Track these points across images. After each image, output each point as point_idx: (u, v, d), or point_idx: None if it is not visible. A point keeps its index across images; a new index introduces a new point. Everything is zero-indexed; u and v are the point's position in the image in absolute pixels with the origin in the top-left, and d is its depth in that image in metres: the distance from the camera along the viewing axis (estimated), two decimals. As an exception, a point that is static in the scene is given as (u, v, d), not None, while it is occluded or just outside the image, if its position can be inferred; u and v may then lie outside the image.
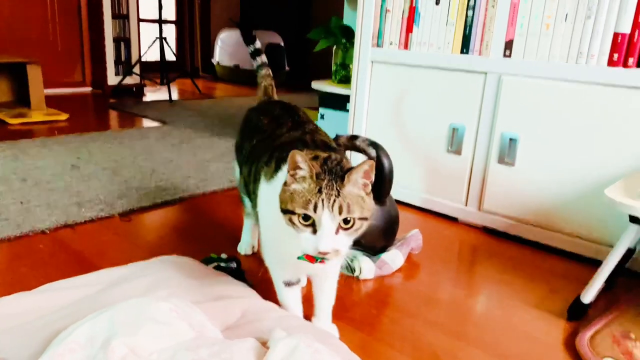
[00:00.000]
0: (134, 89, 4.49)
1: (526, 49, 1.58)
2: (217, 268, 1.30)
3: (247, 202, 1.30)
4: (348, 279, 1.37)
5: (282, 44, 5.69)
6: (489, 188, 1.72)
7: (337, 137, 1.51)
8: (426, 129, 1.85)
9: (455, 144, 1.78)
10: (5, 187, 1.87)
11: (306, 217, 0.79)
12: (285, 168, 0.89)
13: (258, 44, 1.44)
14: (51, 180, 1.99)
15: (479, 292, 1.35)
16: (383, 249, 1.45)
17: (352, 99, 2.04)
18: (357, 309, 1.23)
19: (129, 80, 4.41)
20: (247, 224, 1.47)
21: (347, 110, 2.24)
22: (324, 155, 0.86)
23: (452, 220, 1.85)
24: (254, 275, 1.32)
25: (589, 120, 1.49)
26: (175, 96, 4.53)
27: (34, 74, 3.32)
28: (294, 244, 0.85)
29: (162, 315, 0.83)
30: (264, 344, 0.86)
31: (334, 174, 0.81)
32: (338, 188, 0.79)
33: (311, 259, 0.84)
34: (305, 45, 6.03)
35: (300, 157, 0.80)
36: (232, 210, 1.79)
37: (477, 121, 1.72)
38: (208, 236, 1.59)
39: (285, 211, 0.82)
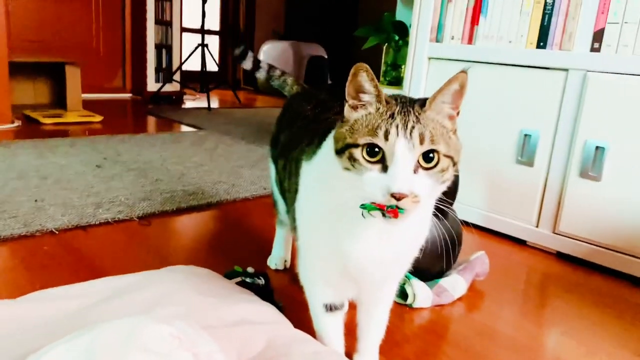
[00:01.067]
0: (174, 97, 4.40)
1: (620, 40, 1.32)
2: (241, 284, 1.08)
3: (280, 205, 1.08)
4: (399, 308, 1.12)
5: (326, 56, 5.53)
6: (566, 206, 1.45)
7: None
8: (492, 136, 1.59)
9: (526, 153, 1.52)
10: (22, 184, 1.73)
11: (372, 151, 0.59)
12: (330, 139, 0.69)
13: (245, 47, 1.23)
14: (72, 180, 1.83)
15: (560, 331, 1.08)
16: (441, 273, 1.20)
17: (403, 102, 1.81)
18: (408, 345, 0.98)
19: (169, 88, 4.32)
20: (280, 233, 1.25)
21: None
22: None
23: (520, 242, 1.58)
24: (285, 295, 1.09)
25: (703, 125, 1.21)
26: (215, 105, 4.41)
27: (72, 75, 3.25)
28: (344, 235, 0.66)
29: (158, 342, 0.62)
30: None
31: (407, 101, 0.63)
32: (417, 113, 0.61)
33: (381, 206, 0.60)
34: (350, 58, 5.85)
35: (365, 75, 0.60)
36: (263, 220, 1.57)
37: (555, 126, 1.46)
38: (235, 247, 1.38)
39: (342, 150, 0.62)
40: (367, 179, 0.60)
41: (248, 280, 1.10)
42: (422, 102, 0.63)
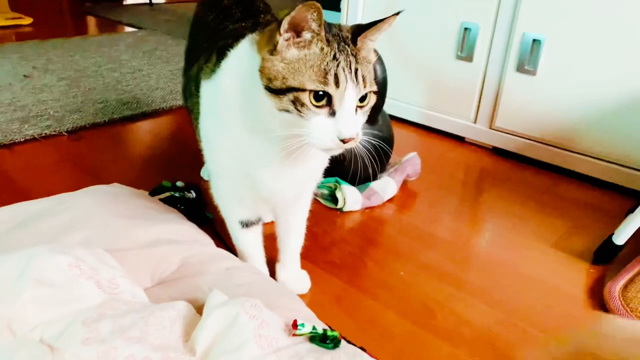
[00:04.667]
0: (113, -8, 4.05)
1: None
2: (170, 199, 1.07)
3: None
4: (330, 212, 1.14)
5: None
6: (503, 102, 1.45)
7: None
8: (431, 30, 1.53)
9: (466, 48, 1.47)
10: (-60, 100, 1.62)
11: (320, 95, 0.57)
12: (234, 56, 0.66)
13: None
14: (-3, 93, 1.72)
15: (486, 229, 1.13)
16: (372, 177, 1.21)
17: (345, -5, 1.71)
18: (336, 250, 1.01)
19: (107, -18, 3.97)
20: None
21: (339, 10, 1.91)
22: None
23: (458, 139, 1.59)
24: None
25: (634, 19, 1.18)
26: (159, 0, 4.10)
27: (-8, -29, 2.93)
28: (253, 154, 0.66)
29: (55, 273, 0.61)
30: (200, 309, 0.65)
31: (340, 36, 0.59)
32: (353, 53, 0.58)
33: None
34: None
35: (315, 14, 0.56)
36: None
37: (495, 18, 1.41)
38: (170, 159, 1.35)
39: (282, 90, 0.58)
40: (315, 125, 0.58)
41: (177, 195, 1.09)
42: (354, 38, 0.61)
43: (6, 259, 0.63)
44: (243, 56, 0.65)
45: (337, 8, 1.91)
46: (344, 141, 0.58)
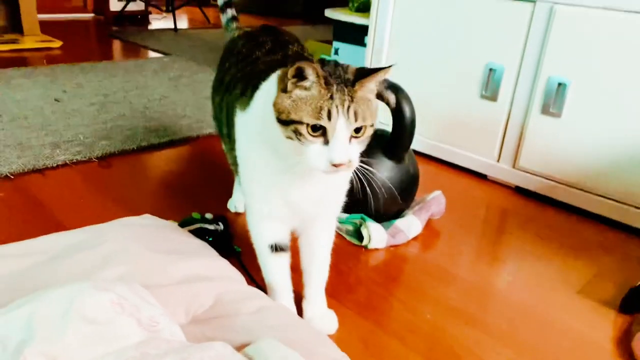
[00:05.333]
0: (139, 17, 4.18)
1: (590, -30, 1.26)
2: (199, 231, 1.09)
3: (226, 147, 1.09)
4: (355, 249, 1.16)
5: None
6: (527, 142, 1.46)
7: (348, 77, 1.24)
8: (457, 69, 1.56)
9: (490, 88, 1.50)
10: (-25, 123, 1.67)
11: (316, 128, 0.69)
12: (266, 85, 0.79)
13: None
14: (29, 117, 1.77)
15: (509, 271, 1.13)
16: (398, 214, 1.22)
17: (370, 31, 1.74)
18: (362, 289, 1.02)
19: (133, 7, 4.09)
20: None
21: (365, 45, 1.95)
22: (319, 60, 0.74)
23: (481, 177, 1.60)
24: (246, 239, 1.11)
25: (664, 63, 1.19)
26: (183, 25, 4.20)
27: (26, -4, 3.04)
28: (287, 184, 0.77)
29: (98, 311, 0.63)
30: (240, 348, 0.66)
31: (343, 79, 0.71)
32: (350, 94, 0.70)
33: None
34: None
35: (307, 66, 0.68)
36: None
37: (520, 61, 1.43)
38: (197, 188, 1.38)
39: (286, 122, 0.70)
40: (310, 151, 0.69)
41: (206, 226, 1.11)
42: (353, 81, 0.70)
43: (50, 294, 0.65)
44: (269, 91, 0.76)
45: (362, 43, 1.96)
46: (335, 166, 0.69)
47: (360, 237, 1.17)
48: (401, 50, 1.68)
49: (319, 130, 0.69)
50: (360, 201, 1.19)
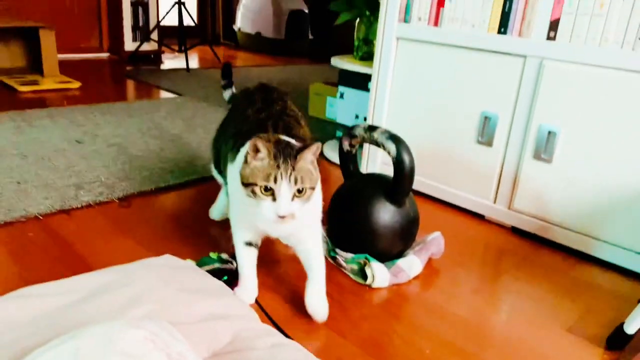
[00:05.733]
0: (152, 56, 4.36)
1: (574, 30, 1.38)
2: (216, 271, 1.18)
3: (219, 178, 1.43)
4: (359, 288, 1.24)
5: (306, 10, 5.45)
6: (521, 185, 1.55)
7: (353, 128, 1.35)
8: (455, 116, 1.67)
9: (486, 134, 1.60)
10: (3, 164, 1.78)
11: (266, 188, 0.92)
12: (243, 150, 1.03)
13: (229, 81, 1.61)
14: (53, 157, 1.89)
15: (505, 309, 1.21)
16: (400, 254, 1.31)
17: (374, 79, 1.87)
18: (365, 325, 1.10)
19: (147, 47, 4.27)
20: (224, 190, 1.50)
21: (368, 90, 2.07)
22: (274, 138, 0.96)
23: (479, 217, 1.69)
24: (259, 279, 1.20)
25: (644, 116, 1.30)
26: (194, 64, 4.38)
27: (47, 39, 3.21)
28: (257, 212, 0.97)
29: (135, 346, 0.72)
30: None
31: (287, 153, 0.93)
32: (292, 164, 0.92)
33: None
34: (330, 13, 5.76)
35: (260, 143, 0.92)
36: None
37: (513, 110, 1.54)
38: (212, 228, 1.47)
39: (247, 184, 0.94)
40: (263, 206, 0.93)
41: (222, 267, 1.20)
42: (296, 154, 0.93)
43: (91, 331, 0.74)
44: (242, 158, 0.98)
45: (366, 89, 2.08)
46: (281, 217, 0.91)
47: (364, 276, 1.25)
48: (402, 97, 1.80)
49: (269, 191, 0.91)
50: (365, 243, 1.28)
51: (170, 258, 1.14)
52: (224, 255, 1.24)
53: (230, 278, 1.18)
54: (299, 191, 0.93)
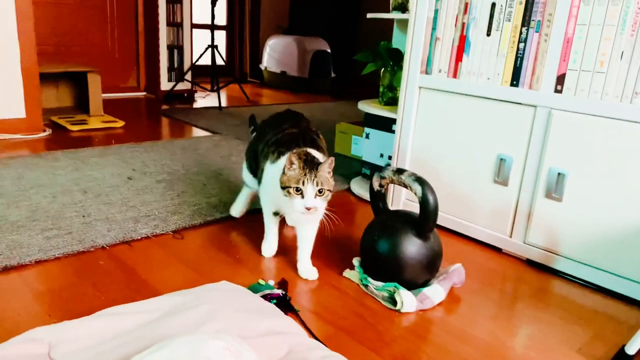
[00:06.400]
0: (185, 95, 4.64)
1: (578, 85, 1.56)
2: (266, 295, 1.36)
3: (249, 179, 1.82)
4: (389, 312, 1.40)
5: (329, 50, 5.74)
6: (534, 221, 1.72)
7: (382, 170, 1.54)
8: (473, 158, 1.85)
9: (502, 174, 1.78)
10: (67, 199, 2.00)
11: (297, 189, 1.35)
12: (283, 158, 1.45)
13: (255, 127, 1.94)
14: (109, 193, 2.10)
15: (519, 332, 1.36)
16: (425, 283, 1.47)
17: (398, 122, 2.06)
18: (396, 345, 1.26)
19: (181, 86, 4.56)
20: (245, 191, 1.92)
21: (393, 132, 2.26)
22: (303, 153, 1.40)
23: (496, 250, 1.85)
24: (297, 303, 1.37)
25: (642, 161, 1.46)
26: (224, 102, 4.65)
27: (94, 82, 3.50)
28: (283, 200, 1.42)
29: (216, 353, 0.89)
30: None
31: (312, 165, 1.36)
32: (315, 173, 1.35)
33: None
34: (351, 52, 6.05)
35: (293, 158, 1.36)
36: (280, 229, 1.85)
37: (525, 153, 1.71)
38: (257, 258, 1.66)
39: (284, 187, 1.38)
40: (294, 202, 1.37)
41: (270, 292, 1.38)
42: (317, 166, 1.36)
43: (179, 341, 0.92)
44: (281, 165, 1.43)
45: (391, 130, 2.27)
46: (307, 209, 1.35)
47: (394, 302, 1.42)
48: (424, 139, 1.99)
49: (299, 191, 1.35)
50: (395, 272, 1.45)
51: (227, 283, 1.32)
52: (271, 282, 1.42)
53: (279, 302, 1.35)
54: (320, 191, 1.36)
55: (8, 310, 1.28)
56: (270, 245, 1.65)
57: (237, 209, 1.94)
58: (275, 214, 1.60)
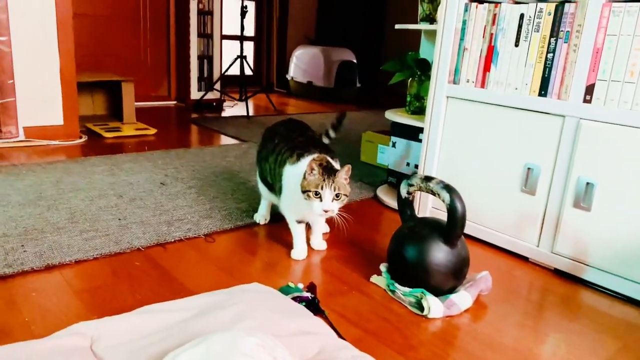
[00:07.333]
0: (214, 104, 4.74)
1: (608, 95, 1.57)
2: (295, 297, 1.39)
3: (264, 189, 1.89)
4: (417, 318, 1.42)
5: (355, 60, 5.79)
6: (562, 230, 1.72)
7: (410, 178, 1.57)
8: (500, 167, 1.86)
9: (529, 184, 1.78)
10: (104, 203, 2.08)
11: (316, 193, 1.49)
12: (303, 160, 1.60)
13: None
14: (144, 197, 2.18)
15: (547, 341, 1.36)
16: (452, 290, 1.49)
17: (425, 132, 2.09)
18: (423, 350, 1.28)
19: (210, 95, 4.67)
20: (264, 202, 2.02)
21: (420, 141, 2.29)
22: (324, 160, 1.53)
23: (523, 259, 1.85)
24: (326, 305, 1.40)
25: (673, 171, 1.46)
26: (251, 111, 4.73)
27: (128, 91, 3.61)
28: (303, 204, 1.55)
29: (251, 349, 0.93)
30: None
31: (330, 172, 1.50)
32: (333, 179, 1.49)
33: None
34: (376, 62, 6.09)
35: (314, 165, 1.49)
36: (307, 234, 1.89)
37: (553, 163, 1.72)
38: (287, 262, 1.70)
39: (305, 191, 1.51)
40: (314, 205, 1.50)
41: (299, 294, 1.41)
42: (335, 172, 1.50)
43: (216, 337, 0.96)
44: (301, 167, 1.57)
45: (417, 139, 2.30)
46: (325, 212, 1.49)
47: (421, 308, 1.44)
48: (452, 148, 2.01)
49: (318, 195, 1.48)
50: (422, 278, 1.47)
51: (259, 285, 1.37)
52: (300, 285, 1.46)
53: (307, 304, 1.39)
54: (337, 196, 1.50)
55: (50, 305, 1.34)
56: (300, 251, 1.74)
57: (260, 216, 2.03)
58: (300, 222, 1.70)
